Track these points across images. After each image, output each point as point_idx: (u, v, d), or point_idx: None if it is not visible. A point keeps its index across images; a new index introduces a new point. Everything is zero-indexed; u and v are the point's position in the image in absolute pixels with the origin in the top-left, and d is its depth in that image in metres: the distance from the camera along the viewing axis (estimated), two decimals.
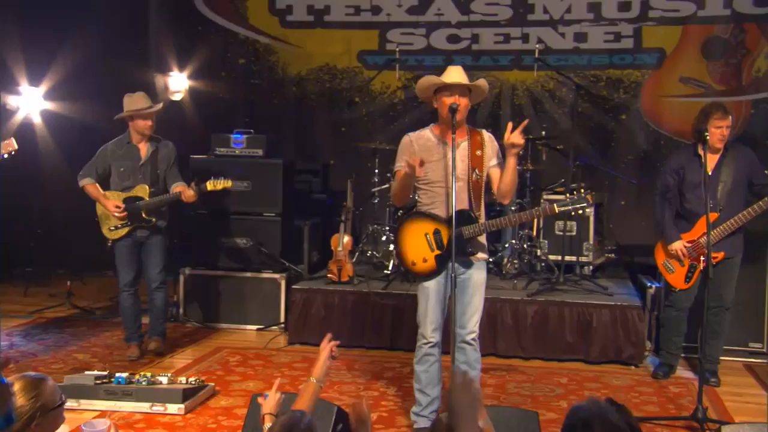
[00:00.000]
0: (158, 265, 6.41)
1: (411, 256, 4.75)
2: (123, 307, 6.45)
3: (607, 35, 9.01)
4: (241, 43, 9.78)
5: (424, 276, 4.74)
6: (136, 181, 6.28)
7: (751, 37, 8.76)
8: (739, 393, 5.78)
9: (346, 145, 9.46)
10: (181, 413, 5.09)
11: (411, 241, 4.75)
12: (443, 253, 4.66)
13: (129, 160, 6.30)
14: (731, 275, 5.87)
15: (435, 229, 4.68)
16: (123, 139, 6.34)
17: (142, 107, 6.21)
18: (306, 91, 9.62)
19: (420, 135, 4.80)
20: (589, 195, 4.58)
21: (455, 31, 9.28)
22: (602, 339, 6.40)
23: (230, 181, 6.29)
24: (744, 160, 5.82)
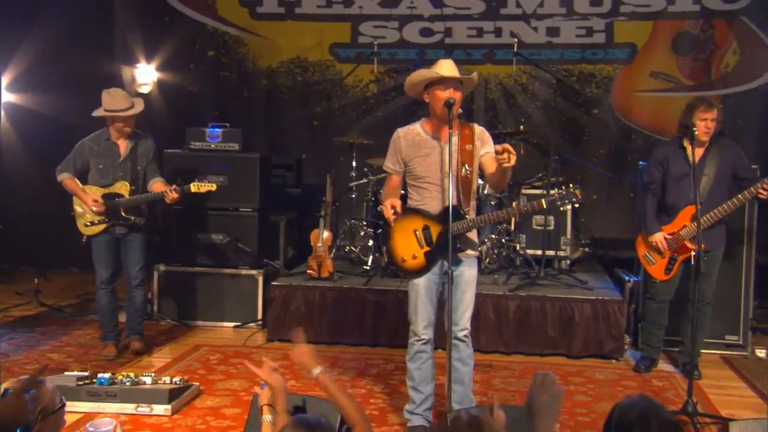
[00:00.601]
0: (138, 263, 6.28)
1: (400, 252, 4.71)
2: (100, 306, 6.30)
3: (579, 30, 9.07)
4: (210, 35, 9.62)
5: (414, 273, 4.70)
6: (116, 178, 6.12)
7: (719, 32, 8.90)
8: (720, 386, 5.85)
9: (319, 139, 9.41)
10: (167, 414, 4.99)
11: (400, 237, 4.69)
12: (433, 250, 4.62)
13: (108, 157, 6.13)
14: (712, 269, 5.93)
15: (424, 225, 4.64)
16: (101, 135, 6.15)
17: (121, 108, 6.00)
18: (277, 84, 9.51)
19: (409, 130, 4.75)
20: (577, 190, 4.57)
21: (428, 24, 9.25)
22: (584, 333, 6.44)
23: (214, 185, 6.16)
24: (729, 154, 5.87)
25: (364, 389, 5.65)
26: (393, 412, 5.19)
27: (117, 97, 6.05)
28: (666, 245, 5.87)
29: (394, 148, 4.75)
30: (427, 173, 4.64)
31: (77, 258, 9.63)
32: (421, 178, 4.67)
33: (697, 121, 5.75)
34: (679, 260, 5.91)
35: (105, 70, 9.49)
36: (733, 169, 5.88)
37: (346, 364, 6.23)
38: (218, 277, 7.31)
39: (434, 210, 4.64)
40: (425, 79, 4.59)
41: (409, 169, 4.72)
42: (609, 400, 5.44)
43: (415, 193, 4.75)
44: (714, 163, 5.84)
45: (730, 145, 6.00)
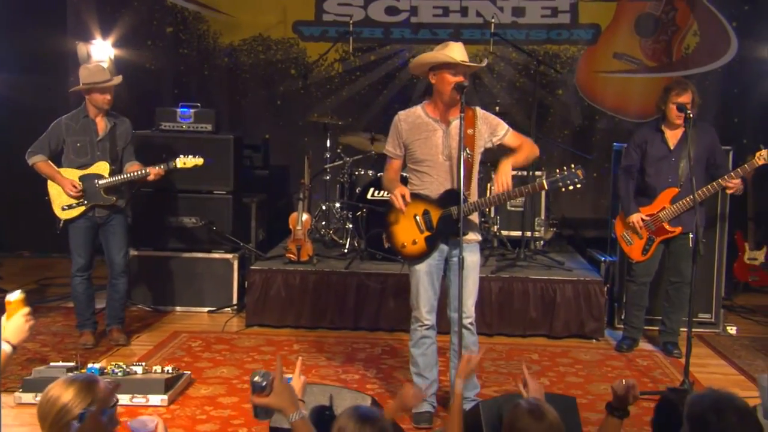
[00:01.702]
0: (122, 249, 6.10)
1: (401, 238, 4.67)
2: (76, 293, 6.10)
3: (544, 10, 9.13)
4: (168, 11, 9.37)
5: (415, 258, 4.68)
6: (95, 158, 5.89)
7: (681, 14, 9.07)
8: (702, 364, 5.99)
9: (283, 119, 9.29)
10: (164, 404, 4.88)
11: (400, 223, 4.66)
12: (433, 234, 4.60)
13: (86, 134, 5.88)
14: (689, 249, 6.07)
15: (424, 210, 4.60)
16: (79, 113, 5.92)
17: (100, 80, 5.79)
18: (239, 62, 9.33)
19: (410, 113, 4.70)
20: (579, 170, 4.52)
21: (394, 3, 9.18)
22: (565, 314, 6.53)
23: (201, 159, 6.00)
24: (706, 137, 5.99)
25: (356, 374, 5.63)
26: (392, 397, 5.17)
27: (95, 70, 5.87)
28: (643, 225, 5.98)
29: (395, 131, 4.71)
30: (428, 156, 4.61)
31: (29, 241, 9.38)
32: (421, 161, 4.65)
33: (671, 104, 5.86)
34: (657, 241, 6.04)
35: (57, 47, 9.18)
36: (709, 153, 6.00)
37: (332, 348, 6.20)
38: (191, 261, 7.17)
39: (434, 194, 4.61)
40: (437, 62, 4.55)
41: (410, 152, 4.68)
42: (600, 380, 5.57)
43: (415, 177, 4.72)
44: (692, 146, 5.95)
45: (707, 128, 6.12)
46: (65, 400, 2.70)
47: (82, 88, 5.85)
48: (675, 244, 6.06)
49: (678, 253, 6.08)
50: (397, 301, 6.58)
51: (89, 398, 2.70)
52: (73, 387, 2.73)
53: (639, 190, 6.12)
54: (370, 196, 7.02)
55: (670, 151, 5.98)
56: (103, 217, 5.99)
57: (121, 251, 6.10)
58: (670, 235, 5.98)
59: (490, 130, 4.66)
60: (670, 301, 6.21)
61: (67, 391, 2.73)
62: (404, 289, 6.53)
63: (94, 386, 2.75)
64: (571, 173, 4.50)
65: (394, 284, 6.61)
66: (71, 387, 2.73)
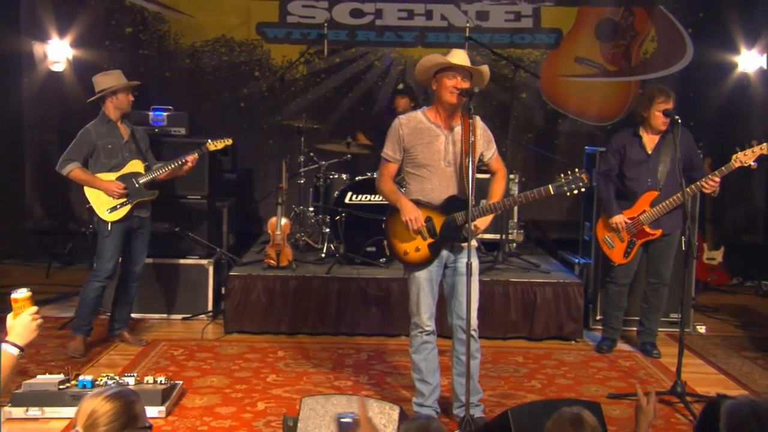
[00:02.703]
0: (144, 255, 6.28)
1: (403, 246, 4.67)
2: (89, 298, 6.02)
3: (507, 14, 9.25)
4: (128, 11, 9.16)
5: (417, 265, 4.68)
6: (125, 159, 6.00)
7: (639, 20, 9.31)
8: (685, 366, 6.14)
9: (247, 122, 9.20)
10: (162, 416, 4.78)
11: (402, 230, 4.65)
12: (436, 241, 4.63)
13: (114, 137, 5.98)
14: (670, 252, 6.25)
15: (426, 216, 4.61)
16: (102, 119, 6.02)
17: (124, 81, 6.01)
18: (201, 64, 9.20)
19: (411, 117, 4.71)
20: (583, 174, 4.57)
21: (358, 5, 9.18)
22: (545, 316, 6.63)
23: (230, 139, 6.27)
24: (684, 140, 6.09)
25: (348, 381, 5.60)
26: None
27: (116, 74, 6.08)
28: (625, 227, 6.12)
29: (396, 135, 4.70)
30: (430, 161, 4.62)
31: None
32: (421, 166, 4.65)
33: (656, 111, 6.01)
34: (638, 244, 6.18)
35: (11, 47, 8.93)
36: (687, 157, 6.16)
37: (318, 355, 6.17)
38: (164, 267, 7.04)
39: (435, 201, 4.63)
40: (436, 64, 4.57)
41: (411, 157, 4.68)
42: (589, 382, 5.67)
43: (414, 182, 4.72)
44: (669, 150, 6.11)
45: (684, 133, 6.26)
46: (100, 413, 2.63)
47: (109, 91, 5.97)
48: (654, 246, 6.22)
49: (657, 255, 6.24)
50: (379, 305, 6.61)
51: (124, 414, 2.64)
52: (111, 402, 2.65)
53: (619, 194, 6.24)
54: (348, 200, 7.00)
55: (648, 156, 6.12)
56: (140, 220, 6.10)
57: (142, 257, 6.24)
58: (650, 237, 6.13)
59: (486, 144, 4.72)
60: (649, 302, 6.37)
61: (105, 404, 2.65)
62: (385, 293, 6.62)
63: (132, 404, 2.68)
64: (576, 177, 4.55)
65: (375, 289, 6.63)
66: (110, 402, 2.65)
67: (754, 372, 6.05)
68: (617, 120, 9.29)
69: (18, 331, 2.84)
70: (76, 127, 8.99)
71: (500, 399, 5.29)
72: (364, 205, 7.00)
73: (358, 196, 7.00)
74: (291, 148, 8.51)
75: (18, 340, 2.82)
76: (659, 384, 5.65)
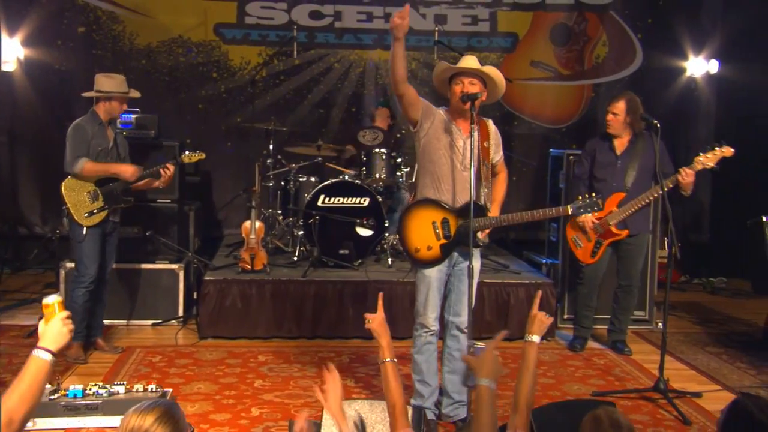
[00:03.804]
0: (113, 259, 6.17)
1: (416, 242, 4.70)
2: (78, 305, 5.85)
3: (464, 18, 9.40)
4: (80, 10, 8.96)
5: (426, 263, 4.72)
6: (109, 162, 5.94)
7: (591, 25, 9.56)
8: (651, 360, 6.27)
9: (205, 123, 9.09)
10: None
11: (417, 227, 4.69)
12: (449, 243, 4.69)
13: (103, 139, 5.89)
14: (638, 254, 6.42)
15: (443, 218, 4.66)
16: (94, 119, 5.87)
17: (125, 90, 5.91)
18: (157, 65, 9.06)
19: (443, 113, 4.69)
20: (599, 200, 4.74)
21: (318, 7, 9.18)
22: (518, 316, 6.72)
23: (203, 154, 6.21)
24: (653, 147, 6.30)
25: None
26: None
27: (119, 80, 5.94)
28: (593, 227, 6.28)
29: (432, 107, 4.68)
30: (446, 163, 4.64)
31: None
32: (440, 164, 4.65)
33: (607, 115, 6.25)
34: (604, 244, 6.35)
35: None
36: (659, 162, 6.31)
37: (299, 359, 6.14)
38: (133, 272, 6.91)
39: (451, 202, 4.67)
40: (443, 71, 4.65)
41: (429, 149, 4.66)
42: (571, 381, 5.81)
43: (430, 182, 4.71)
44: (638, 154, 6.29)
45: (654, 138, 6.43)
46: (147, 426, 2.61)
47: (101, 95, 5.84)
48: (623, 249, 6.39)
49: (626, 257, 6.42)
50: (355, 308, 6.62)
51: (171, 424, 2.62)
52: (154, 414, 2.62)
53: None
54: (321, 203, 7.00)
55: (616, 158, 6.30)
56: (113, 224, 6.04)
57: (112, 261, 6.15)
58: (617, 237, 6.30)
59: (496, 148, 4.81)
60: (619, 303, 6.54)
61: (148, 417, 2.63)
62: (361, 295, 6.65)
63: (175, 412, 2.66)
64: (593, 201, 4.70)
65: (351, 291, 6.65)
66: (152, 413, 2.63)
67: (722, 367, 6.28)
68: (572, 122, 9.53)
69: (50, 336, 2.77)
70: (26, 128, 8.82)
71: None
72: (337, 208, 7.01)
73: (331, 199, 7.00)
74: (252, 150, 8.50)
75: (50, 345, 2.75)
76: (636, 380, 5.83)
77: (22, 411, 2.54)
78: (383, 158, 7.21)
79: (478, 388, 2.83)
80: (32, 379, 2.61)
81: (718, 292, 9.08)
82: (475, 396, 2.80)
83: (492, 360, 2.90)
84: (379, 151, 7.24)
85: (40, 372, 2.66)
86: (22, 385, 2.59)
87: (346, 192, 7.04)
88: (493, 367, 2.89)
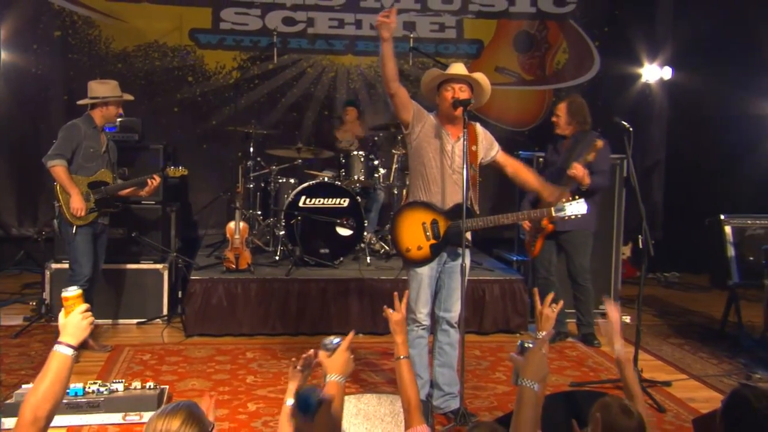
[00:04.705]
0: (103, 259, 6.13)
1: (406, 242, 4.76)
2: None
3: (432, 25, 9.48)
4: (56, 14, 8.82)
5: (416, 263, 4.78)
6: (98, 167, 5.92)
7: (552, 33, 9.73)
8: None
9: (181, 126, 9.02)
10: None
11: (408, 228, 4.75)
12: (439, 243, 4.75)
13: (96, 143, 5.90)
14: (577, 250, 6.45)
15: (433, 219, 4.73)
16: (89, 122, 5.87)
17: (119, 94, 5.94)
18: (133, 69, 8.96)
19: (433, 118, 4.73)
20: (582, 203, 4.79)
21: (290, 13, 9.18)
22: (493, 311, 6.85)
23: (186, 170, 6.25)
24: (586, 147, 6.20)
25: None
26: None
27: (113, 85, 5.96)
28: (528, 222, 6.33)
29: (424, 111, 4.73)
30: (437, 165, 4.69)
31: None
32: (430, 167, 4.70)
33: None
34: (539, 237, 6.43)
35: None
36: (593, 160, 6.22)
37: (286, 355, 6.12)
38: (118, 272, 6.84)
39: (440, 203, 4.73)
40: (433, 78, 4.71)
41: (420, 152, 4.71)
42: (552, 372, 5.91)
43: (423, 183, 4.77)
44: (576, 153, 6.24)
45: (588, 139, 6.30)
46: (174, 429, 2.58)
47: (97, 101, 5.84)
48: (561, 244, 6.49)
49: (568, 254, 6.52)
50: (337, 305, 6.65)
51: (196, 424, 2.59)
52: (179, 416, 2.60)
53: None
54: (303, 204, 7.02)
55: (558, 157, 6.41)
56: (102, 226, 6.02)
57: (101, 262, 6.12)
58: (548, 230, 6.35)
59: (488, 146, 4.87)
60: (577, 298, 6.65)
61: (174, 420, 2.60)
62: (343, 293, 6.69)
63: (197, 412, 2.64)
64: (578, 204, 4.76)
65: (333, 289, 6.68)
66: (177, 416, 2.60)
67: (686, 357, 6.46)
68: (534, 125, 9.68)
69: (70, 330, 2.70)
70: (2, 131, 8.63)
71: (474, 391, 5.46)
72: (317, 209, 7.03)
73: (312, 200, 7.02)
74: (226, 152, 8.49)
75: (71, 339, 2.69)
76: (609, 371, 5.96)
77: (46, 408, 2.50)
78: (361, 160, 7.26)
79: (520, 389, 2.77)
80: (55, 376, 2.56)
81: (672, 286, 9.33)
82: (518, 395, 2.75)
83: (537, 361, 2.81)
84: (357, 153, 7.29)
85: (62, 367, 2.60)
86: (45, 382, 2.54)
87: (327, 193, 7.07)
88: (539, 368, 2.80)
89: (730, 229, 6.99)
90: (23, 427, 2.50)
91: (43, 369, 2.55)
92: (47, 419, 2.51)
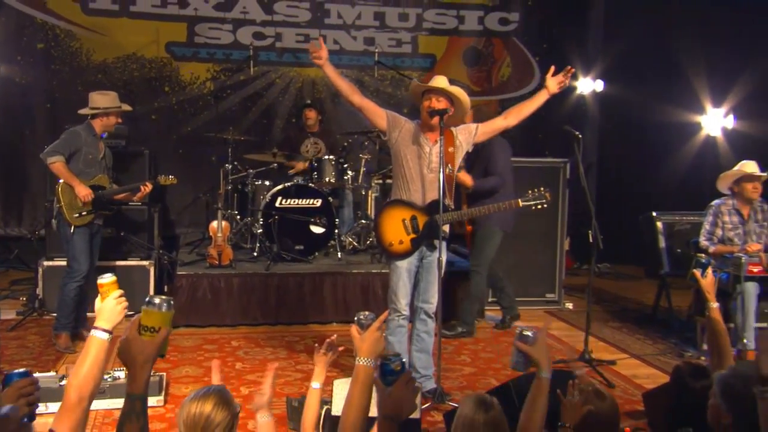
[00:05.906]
0: (97, 257, 6.07)
1: (389, 238, 4.87)
2: (69, 298, 5.82)
3: (390, 41, 9.59)
4: (39, 28, 8.68)
5: (398, 256, 4.88)
6: (96, 172, 5.86)
7: (497, 49, 9.94)
8: (566, 335, 6.69)
9: (156, 132, 8.96)
10: (160, 404, 4.71)
11: (389, 224, 4.86)
12: (418, 237, 4.86)
13: (95, 149, 5.85)
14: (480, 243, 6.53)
15: (412, 215, 4.84)
16: (89, 130, 5.82)
17: (118, 105, 5.89)
18: (113, 79, 8.85)
19: (412, 124, 4.86)
20: (547, 193, 4.97)
21: (260, 29, 9.20)
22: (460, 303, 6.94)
23: (176, 179, 6.17)
24: (487, 148, 6.24)
25: (309, 365, 5.67)
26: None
27: (113, 96, 5.91)
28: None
29: (400, 118, 4.86)
30: (415, 167, 4.81)
31: None
32: (408, 170, 4.82)
33: None
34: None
35: None
36: (487, 163, 6.39)
37: (269, 343, 6.19)
38: (107, 269, 6.74)
39: (419, 201, 4.85)
40: (417, 87, 4.86)
41: (399, 157, 4.83)
42: (508, 354, 5.88)
43: (403, 183, 4.88)
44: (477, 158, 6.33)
45: (489, 143, 6.05)
46: (208, 411, 2.61)
47: (99, 112, 5.80)
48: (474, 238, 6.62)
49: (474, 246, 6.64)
50: (313, 296, 6.72)
51: (227, 407, 2.63)
52: (211, 399, 2.62)
53: None
54: (279, 204, 7.06)
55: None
56: (97, 227, 5.98)
57: (96, 259, 6.05)
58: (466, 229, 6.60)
59: (467, 136, 4.95)
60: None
61: (206, 404, 2.63)
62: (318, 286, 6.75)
63: (227, 395, 2.67)
64: (540, 194, 4.93)
65: (309, 282, 6.74)
66: (209, 400, 2.63)
67: (625, 339, 6.69)
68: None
69: (105, 315, 2.70)
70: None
71: (444, 372, 5.56)
72: (292, 209, 7.08)
73: (288, 201, 7.07)
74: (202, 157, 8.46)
75: (106, 324, 2.69)
76: (560, 352, 6.08)
77: (89, 388, 2.51)
78: (332, 164, 7.33)
79: (539, 380, 2.74)
80: (93, 359, 2.57)
81: (604, 276, 9.58)
82: (535, 387, 2.74)
83: (546, 352, 2.82)
84: (328, 158, 7.36)
85: (99, 351, 2.61)
86: (85, 365, 2.55)
87: (301, 194, 7.13)
88: (549, 358, 2.82)
89: (661, 224, 7.26)
90: (69, 407, 2.51)
91: (82, 353, 2.56)
92: (90, 399, 2.53)
